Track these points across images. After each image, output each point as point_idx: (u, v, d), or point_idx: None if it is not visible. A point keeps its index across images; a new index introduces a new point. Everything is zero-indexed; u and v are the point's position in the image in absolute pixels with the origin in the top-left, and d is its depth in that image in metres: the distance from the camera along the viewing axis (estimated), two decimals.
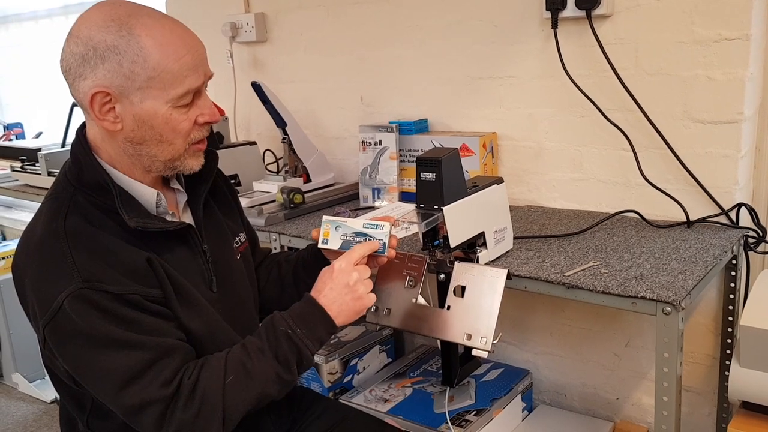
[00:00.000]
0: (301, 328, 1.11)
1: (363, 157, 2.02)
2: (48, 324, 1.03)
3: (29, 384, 2.80)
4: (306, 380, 2.05)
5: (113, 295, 1.03)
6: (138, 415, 1.04)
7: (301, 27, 2.32)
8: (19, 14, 3.68)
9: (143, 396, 1.02)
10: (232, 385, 1.06)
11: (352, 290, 1.16)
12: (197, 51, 1.09)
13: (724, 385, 1.71)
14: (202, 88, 1.12)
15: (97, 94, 1.04)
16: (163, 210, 1.16)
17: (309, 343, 1.12)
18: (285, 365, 1.10)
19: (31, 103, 3.82)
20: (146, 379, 1.02)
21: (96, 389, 1.06)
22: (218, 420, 1.05)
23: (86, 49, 1.03)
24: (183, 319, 1.11)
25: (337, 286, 1.16)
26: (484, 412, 1.78)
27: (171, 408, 1.03)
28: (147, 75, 1.04)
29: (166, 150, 1.10)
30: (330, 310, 1.15)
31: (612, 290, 1.29)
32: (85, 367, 1.04)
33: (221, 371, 1.07)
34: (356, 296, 1.16)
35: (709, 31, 1.58)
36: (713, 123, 1.62)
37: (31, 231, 1.10)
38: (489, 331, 1.25)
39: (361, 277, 1.17)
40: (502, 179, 1.47)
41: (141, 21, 1.04)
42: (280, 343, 1.10)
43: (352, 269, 1.17)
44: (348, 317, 1.17)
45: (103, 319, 1.01)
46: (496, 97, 1.93)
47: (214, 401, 1.05)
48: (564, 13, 1.72)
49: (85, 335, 1.01)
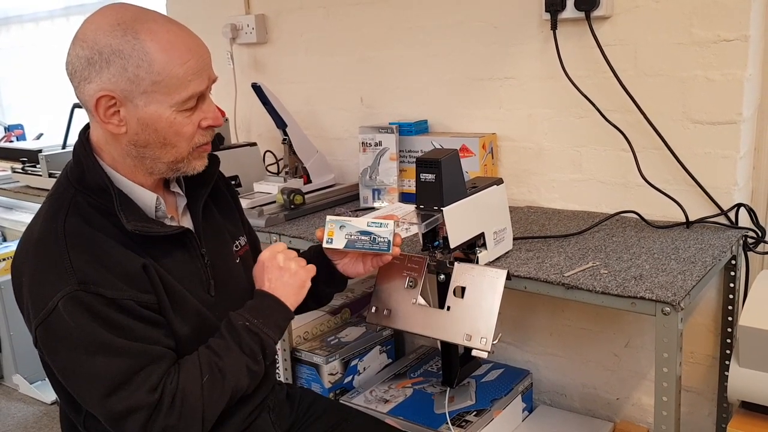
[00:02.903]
0: (257, 319, 1.15)
1: (363, 158, 2.03)
2: (41, 324, 1.03)
3: (30, 385, 2.80)
4: (306, 381, 2.05)
5: (107, 299, 1.03)
6: (122, 421, 1.04)
7: (301, 28, 2.33)
8: (20, 15, 3.68)
9: (130, 402, 1.03)
10: (209, 385, 1.09)
11: (285, 270, 1.21)
12: (202, 55, 1.10)
13: (724, 385, 1.71)
14: (206, 92, 1.13)
15: (102, 98, 1.05)
16: (162, 214, 1.17)
17: (268, 330, 1.16)
18: (252, 357, 1.14)
19: (32, 105, 3.82)
20: (134, 385, 1.03)
21: (82, 394, 1.06)
22: (198, 421, 1.07)
23: (92, 53, 1.03)
24: (175, 326, 1.12)
25: (272, 273, 1.21)
26: (484, 412, 1.78)
27: (155, 414, 1.04)
28: (152, 79, 1.04)
29: (170, 153, 1.11)
30: (278, 295, 1.19)
31: (611, 291, 1.29)
32: (73, 371, 1.05)
33: (197, 372, 1.09)
34: (292, 273, 1.21)
35: (708, 32, 1.58)
36: (712, 124, 1.62)
37: (30, 231, 1.11)
38: (489, 331, 1.26)
39: (288, 256, 1.23)
40: (501, 180, 1.48)
41: (146, 26, 1.05)
42: (242, 337, 1.13)
43: (275, 253, 1.23)
44: (295, 295, 1.21)
45: (94, 322, 1.02)
46: (496, 98, 1.94)
47: (194, 403, 1.07)
48: (563, 15, 1.73)
49: (76, 338, 1.02)
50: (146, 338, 1.07)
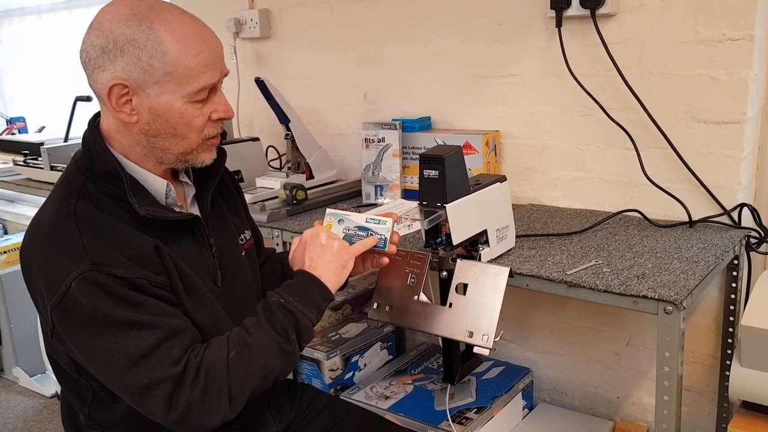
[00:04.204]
0: (293, 296, 1.13)
1: (366, 155, 2.02)
2: (56, 306, 1.03)
3: (30, 378, 2.80)
4: (307, 377, 2.05)
5: (120, 278, 1.03)
6: (146, 396, 1.03)
7: (305, 23, 2.32)
8: (23, 8, 3.68)
9: (153, 374, 1.02)
10: (235, 360, 1.06)
11: (328, 248, 1.19)
12: (215, 48, 1.11)
13: (725, 385, 1.71)
14: (217, 84, 1.14)
15: (115, 86, 1.06)
16: (172, 201, 1.17)
17: (303, 309, 1.13)
18: (283, 335, 1.10)
19: (34, 98, 3.82)
20: (155, 358, 1.02)
21: (103, 371, 1.05)
22: (225, 398, 1.05)
23: (106, 42, 1.05)
24: (188, 309, 1.11)
25: (313, 251, 1.19)
26: (484, 409, 1.78)
27: (179, 387, 1.02)
28: (165, 69, 1.05)
29: (180, 144, 1.12)
30: (318, 274, 1.17)
31: (614, 289, 1.29)
32: (93, 349, 1.04)
33: (224, 348, 1.07)
34: (334, 252, 1.19)
35: (713, 31, 1.57)
36: (716, 123, 1.62)
37: (40, 217, 1.12)
38: (490, 328, 1.26)
39: (331, 236, 1.21)
40: (504, 177, 1.48)
41: (161, 16, 1.06)
42: (275, 314, 1.11)
43: (318, 232, 1.21)
44: (337, 275, 1.18)
45: (110, 301, 1.02)
46: (500, 95, 1.93)
47: (220, 378, 1.04)
48: (568, 12, 1.72)
49: (93, 317, 1.02)
50: (164, 313, 1.06)
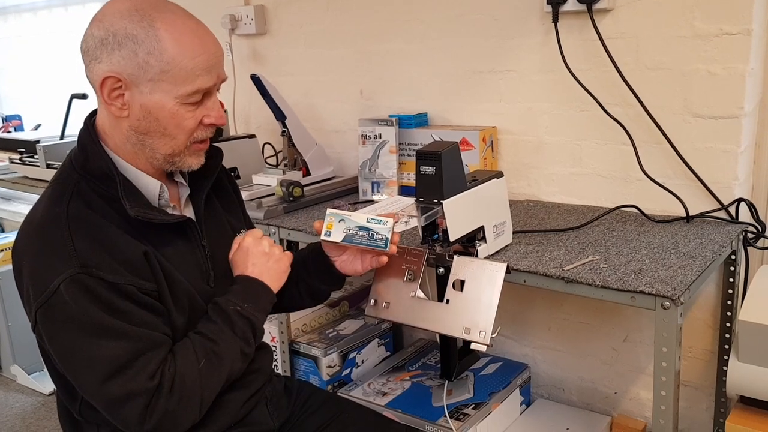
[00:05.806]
0: (247, 303, 1.18)
1: (362, 151, 2.02)
2: (41, 307, 1.03)
3: (28, 376, 2.80)
4: (305, 373, 2.05)
5: (109, 283, 1.04)
6: (121, 408, 1.04)
7: (300, 20, 2.32)
8: (18, 5, 3.66)
9: (129, 387, 1.03)
10: (206, 370, 1.10)
11: (270, 256, 1.24)
12: (214, 53, 1.11)
13: (722, 380, 1.71)
14: (213, 89, 1.14)
15: (109, 79, 1.06)
16: (165, 202, 1.17)
17: (258, 314, 1.19)
18: (245, 340, 1.16)
19: (29, 95, 3.81)
20: (134, 369, 1.03)
21: (80, 379, 1.06)
22: (197, 406, 1.09)
23: (106, 34, 1.05)
24: (174, 315, 1.12)
25: (257, 258, 1.23)
26: (482, 405, 1.78)
27: (154, 400, 1.04)
28: (160, 68, 1.05)
29: (168, 144, 1.12)
30: (263, 280, 1.22)
31: (611, 285, 1.29)
32: (73, 354, 1.04)
33: (193, 357, 1.10)
34: (276, 258, 1.24)
35: (710, 25, 1.57)
36: (713, 118, 1.61)
37: (32, 215, 1.11)
38: (488, 325, 1.25)
39: (271, 243, 1.26)
40: (501, 173, 1.47)
41: (163, 15, 1.06)
42: (235, 322, 1.15)
43: (259, 240, 1.25)
44: (279, 280, 1.24)
45: (96, 305, 1.02)
46: (497, 91, 1.93)
47: (193, 388, 1.08)
48: (565, 7, 1.72)
49: (77, 320, 1.02)
50: (146, 324, 1.07)
